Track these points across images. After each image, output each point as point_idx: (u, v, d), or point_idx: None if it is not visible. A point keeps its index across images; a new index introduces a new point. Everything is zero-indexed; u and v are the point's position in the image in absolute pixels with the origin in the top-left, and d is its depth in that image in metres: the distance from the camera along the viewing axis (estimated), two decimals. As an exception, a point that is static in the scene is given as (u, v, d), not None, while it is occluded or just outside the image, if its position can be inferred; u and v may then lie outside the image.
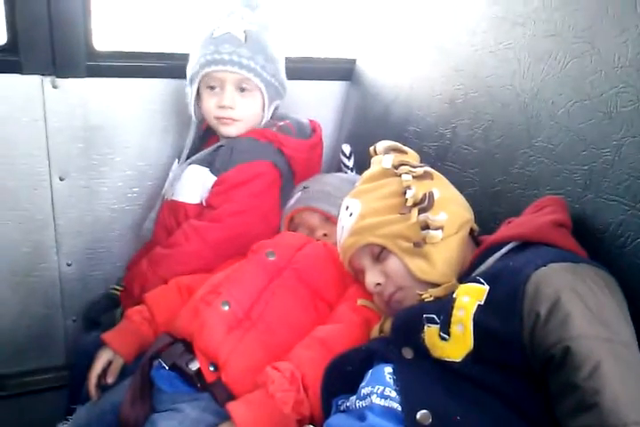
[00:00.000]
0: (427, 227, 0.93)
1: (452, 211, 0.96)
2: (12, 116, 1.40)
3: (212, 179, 1.35)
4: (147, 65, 1.51)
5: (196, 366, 1.03)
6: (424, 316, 0.85)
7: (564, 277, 0.77)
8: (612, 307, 0.76)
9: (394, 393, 0.80)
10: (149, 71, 1.51)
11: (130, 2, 1.67)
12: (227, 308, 1.06)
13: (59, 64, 1.38)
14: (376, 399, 0.81)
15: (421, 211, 0.94)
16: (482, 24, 1.21)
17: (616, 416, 0.65)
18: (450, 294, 0.85)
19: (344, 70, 1.70)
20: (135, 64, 1.50)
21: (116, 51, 1.49)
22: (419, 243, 0.93)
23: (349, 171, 1.48)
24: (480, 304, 0.79)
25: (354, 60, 1.69)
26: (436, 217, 0.93)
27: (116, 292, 1.47)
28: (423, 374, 0.82)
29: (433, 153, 1.30)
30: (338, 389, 0.91)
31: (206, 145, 1.45)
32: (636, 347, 0.74)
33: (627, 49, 0.89)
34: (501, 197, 1.11)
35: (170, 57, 1.52)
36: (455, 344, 0.80)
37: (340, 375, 0.92)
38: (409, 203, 0.95)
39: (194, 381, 1.03)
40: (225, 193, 1.33)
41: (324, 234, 1.31)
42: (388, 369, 0.85)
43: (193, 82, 1.37)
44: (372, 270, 0.99)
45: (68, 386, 1.35)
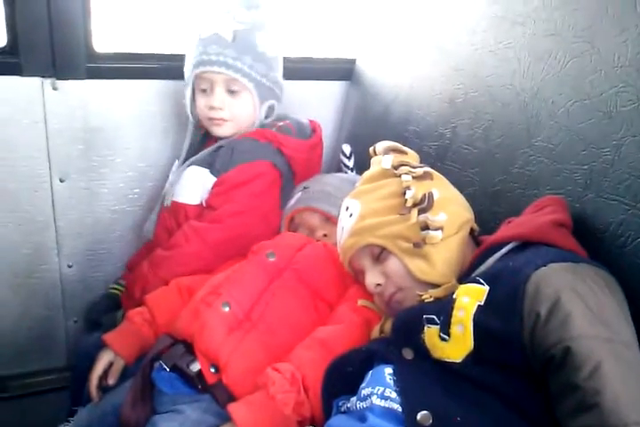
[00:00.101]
0: (426, 227, 0.93)
1: (451, 211, 0.96)
2: (13, 118, 1.40)
3: (212, 180, 1.35)
4: (146, 66, 1.51)
5: (196, 367, 1.03)
6: (424, 316, 0.85)
7: (564, 277, 0.77)
8: (613, 307, 0.76)
9: (394, 394, 0.80)
10: (149, 73, 1.51)
11: (129, 3, 1.67)
12: (227, 309, 1.06)
13: (59, 66, 1.38)
14: (376, 400, 0.81)
15: (421, 211, 0.94)
16: (482, 23, 1.21)
17: (617, 417, 0.64)
18: (450, 294, 0.85)
19: (344, 70, 1.70)
20: (135, 66, 1.50)
21: (115, 52, 1.49)
22: (418, 243, 0.93)
23: (349, 171, 1.48)
24: (480, 305, 0.79)
25: (354, 60, 1.69)
26: (436, 217, 0.93)
27: (115, 291, 1.48)
28: (423, 375, 0.81)
29: (433, 153, 1.30)
30: (338, 390, 0.91)
31: (206, 146, 1.45)
32: (637, 347, 0.73)
33: (626, 49, 0.89)
34: (501, 196, 1.11)
35: (169, 58, 1.52)
36: (455, 345, 0.80)
37: (341, 376, 0.91)
38: (409, 203, 0.95)
39: (195, 382, 1.03)
40: (225, 193, 1.33)
41: (324, 234, 1.31)
42: (388, 370, 0.84)
43: (188, 83, 1.38)
44: (372, 271, 0.99)
45: (69, 387, 1.35)
